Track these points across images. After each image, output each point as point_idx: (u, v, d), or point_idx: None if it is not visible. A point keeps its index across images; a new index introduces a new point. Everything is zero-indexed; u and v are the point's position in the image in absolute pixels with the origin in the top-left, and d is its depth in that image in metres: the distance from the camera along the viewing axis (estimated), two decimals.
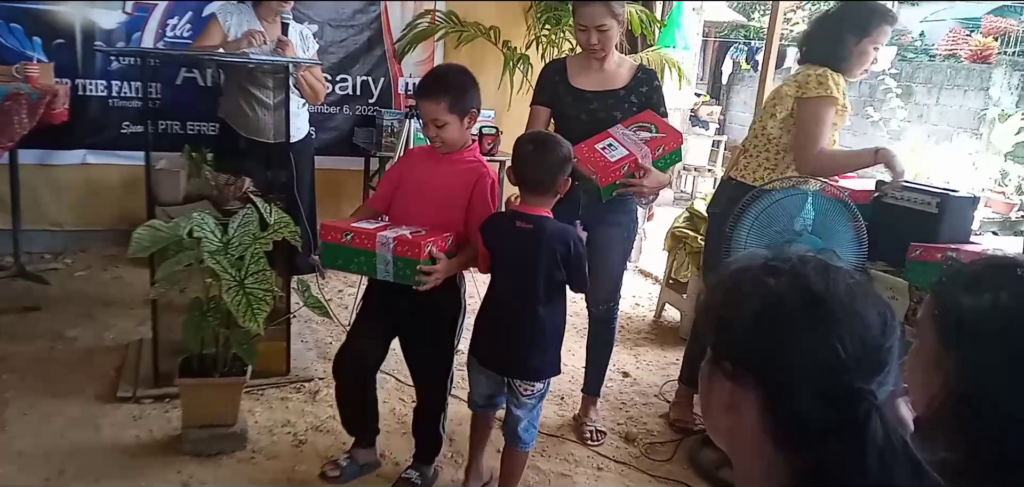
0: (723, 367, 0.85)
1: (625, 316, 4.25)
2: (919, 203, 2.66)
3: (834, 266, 0.84)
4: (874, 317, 0.80)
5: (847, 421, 0.76)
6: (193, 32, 4.47)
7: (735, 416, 0.84)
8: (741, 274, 0.87)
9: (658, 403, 3.27)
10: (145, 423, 2.72)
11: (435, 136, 2.27)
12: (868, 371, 0.79)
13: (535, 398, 2.31)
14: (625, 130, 2.60)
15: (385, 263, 2.15)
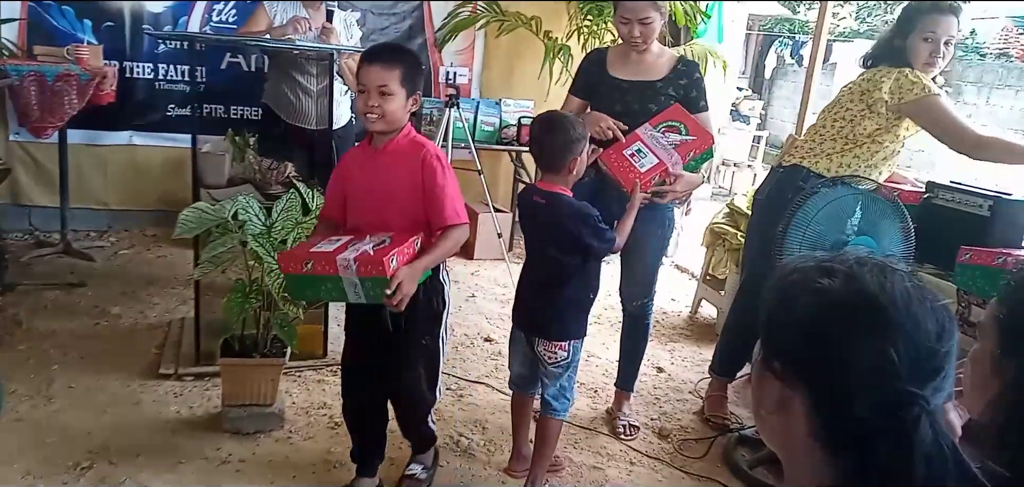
0: (772, 367, 0.84)
1: (660, 311, 4.22)
2: (970, 205, 2.60)
3: (892, 268, 0.82)
4: (931, 322, 0.79)
5: (895, 425, 0.75)
6: (238, 17, 4.54)
7: (784, 416, 0.83)
8: (795, 273, 0.85)
9: (692, 400, 3.23)
10: (186, 400, 2.77)
11: (377, 106, 2.01)
12: (922, 376, 0.77)
13: (560, 367, 2.36)
14: (653, 131, 2.55)
15: (353, 286, 1.93)
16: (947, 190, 2.74)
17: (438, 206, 2.06)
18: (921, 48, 2.61)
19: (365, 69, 2.04)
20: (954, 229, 2.59)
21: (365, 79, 2.03)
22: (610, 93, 2.67)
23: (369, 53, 2.10)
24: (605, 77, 2.70)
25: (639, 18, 2.57)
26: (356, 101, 2.13)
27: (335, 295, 1.98)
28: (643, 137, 2.54)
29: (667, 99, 2.66)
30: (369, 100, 2.02)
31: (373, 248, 1.93)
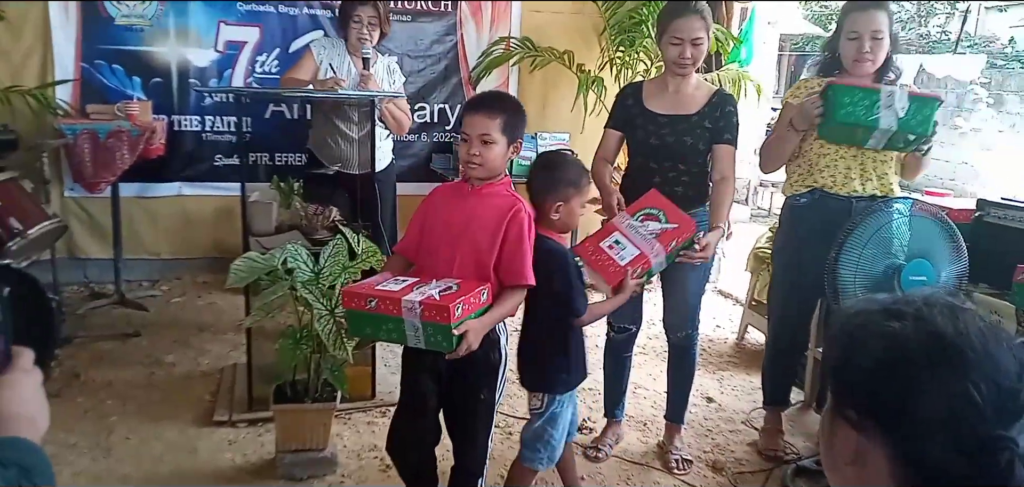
0: (847, 416, 0.82)
1: (706, 339, 4.18)
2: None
3: (962, 307, 0.80)
4: (1010, 360, 0.77)
5: (986, 472, 0.73)
6: (281, 67, 4.66)
7: (861, 468, 0.81)
8: (860, 317, 0.84)
9: (745, 430, 3.19)
10: (240, 447, 2.82)
11: (477, 154, 2.04)
12: (1007, 418, 0.75)
13: (539, 413, 2.32)
14: (631, 220, 2.45)
15: (414, 330, 1.91)
16: (999, 207, 2.69)
17: (516, 262, 2.05)
18: (848, 48, 2.65)
19: (468, 117, 2.08)
20: (1008, 246, 2.55)
21: (468, 127, 2.07)
22: (645, 126, 2.68)
23: (473, 102, 2.16)
24: (641, 110, 2.71)
25: (692, 38, 2.58)
26: (458, 148, 2.16)
27: (395, 336, 1.97)
28: (621, 227, 2.44)
29: (702, 132, 2.66)
30: (471, 148, 2.05)
31: (439, 294, 1.91)
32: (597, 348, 3.92)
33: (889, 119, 2.51)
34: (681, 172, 2.68)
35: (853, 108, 2.53)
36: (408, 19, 5.00)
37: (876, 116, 2.51)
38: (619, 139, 2.80)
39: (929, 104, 2.52)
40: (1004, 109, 8.46)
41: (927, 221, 2.48)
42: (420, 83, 5.07)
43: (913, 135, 2.54)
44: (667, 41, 2.64)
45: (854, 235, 2.48)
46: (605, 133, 2.83)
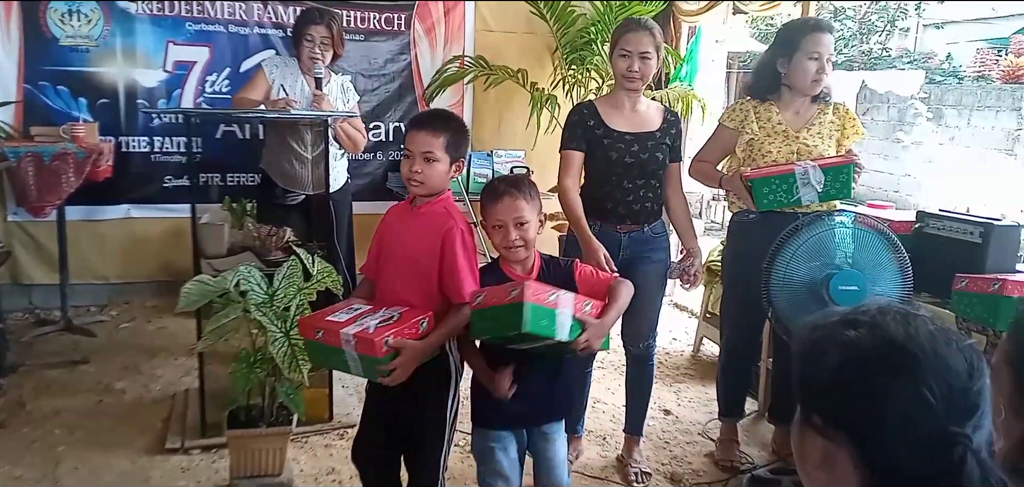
0: (813, 423, 0.85)
1: (663, 351, 4.23)
2: (961, 233, 2.65)
3: (914, 313, 0.84)
4: (959, 361, 0.81)
5: (943, 466, 0.76)
6: (232, 87, 4.60)
7: (830, 472, 0.84)
8: (819, 330, 0.88)
9: (702, 441, 3.24)
10: (193, 474, 2.76)
11: (420, 171, 2.03)
12: (959, 415, 0.79)
13: None
14: None
15: (354, 361, 1.92)
16: (937, 218, 2.79)
17: (453, 281, 2.04)
18: (809, 67, 2.74)
19: (412, 134, 2.07)
20: (947, 257, 2.64)
21: (411, 145, 2.06)
22: (614, 144, 2.70)
23: (416, 119, 2.13)
24: (606, 130, 2.72)
25: (640, 52, 2.64)
26: (401, 165, 2.14)
27: (342, 366, 1.97)
28: None
29: (664, 148, 2.75)
30: (413, 165, 2.04)
31: (376, 325, 1.92)
32: None
33: (809, 194, 2.64)
34: (649, 187, 2.74)
35: (773, 197, 2.67)
36: (362, 38, 4.99)
37: (796, 196, 2.65)
38: (582, 158, 2.77)
39: (844, 170, 2.65)
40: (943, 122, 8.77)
41: (870, 234, 2.56)
42: (374, 102, 5.06)
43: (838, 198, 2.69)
44: (617, 55, 2.70)
45: (786, 247, 2.56)
46: (569, 155, 2.75)
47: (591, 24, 4.97)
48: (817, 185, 2.63)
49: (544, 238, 5.16)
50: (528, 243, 2.07)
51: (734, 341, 3.08)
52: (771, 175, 2.68)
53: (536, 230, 2.09)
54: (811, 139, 2.80)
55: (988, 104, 8.39)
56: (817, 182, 2.63)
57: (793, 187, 2.64)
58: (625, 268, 2.80)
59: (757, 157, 2.82)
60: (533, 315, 1.84)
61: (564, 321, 1.91)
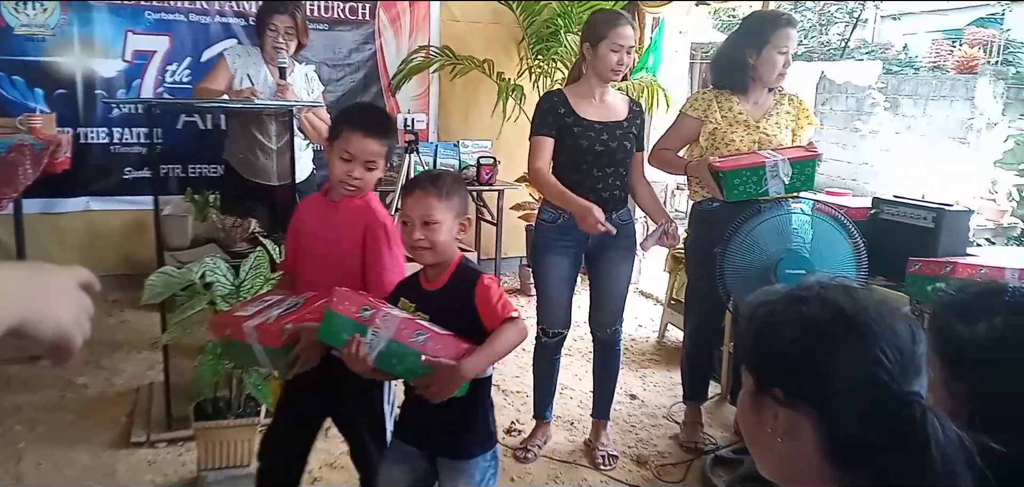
0: (775, 395, 0.88)
1: (629, 338, 4.29)
2: (915, 218, 2.73)
3: (853, 286, 0.89)
4: (904, 326, 0.86)
5: (904, 426, 0.80)
6: (193, 77, 4.54)
7: (791, 441, 0.87)
8: (768, 307, 0.91)
9: (667, 425, 3.30)
10: (160, 467, 2.74)
11: (359, 179, 1.97)
12: (910, 377, 0.84)
13: None
14: None
15: (260, 355, 1.82)
16: (892, 204, 2.88)
17: (375, 275, 1.97)
18: (776, 60, 2.82)
19: (356, 139, 1.97)
20: (902, 241, 2.72)
21: (349, 147, 1.96)
22: (585, 133, 2.74)
23: (357, 121, 2.03)
24: (576, 118, 2.75)
25: (629, 46, 2.70)
26: (336, 167, 2.00)
27: (254, 361, 1.84)
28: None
29: (632, 138, 2.81)
30: (350, 168, 1.96)
31: (278, 314, 1.83)
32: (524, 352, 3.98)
33: (777, 186, 2.71)
34: (617, 175, 2.79)
35: (743, 187, 2.73)
36: (325, 28, 4.96)
37: (765, 188, 2.71)
38: (552, 144, 2.79)
39: (810, 163, 2.73)
40: (900, 112, 8.97)
41: (826, 220, 2.64)
42: (339, 92, 5.03)
43: (803, 190, 2.78)
44: (607, 47, 2.69)
45: (741, 231, 2.64)
46: (540, 141, 2.78)
47: (557, 15, 5.00)
48: (785, 177, 2.70)
49: (510, 226, 5.20)
50: (434, 246, 1.81)
51: (698, 327, 3.14)
52: (742, 167, 2.73)
53: (452, 234, 1.83)
54: (771, 128, 2.87)
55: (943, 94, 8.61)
56: (785, 175, 2.70)
57: (763, 179, 2.70)
58: (593, 254, 2.85)
59: (721, 146, 2.88)
60: (333, 326, 1.70)
61: (376, 342, 1.68)
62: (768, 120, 2.88)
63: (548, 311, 2.90)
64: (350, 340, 1.68)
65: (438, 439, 1.86)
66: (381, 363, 1.69)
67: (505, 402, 3.47)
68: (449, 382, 1.70)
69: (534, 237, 2.95)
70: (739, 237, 2.64)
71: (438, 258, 1.83)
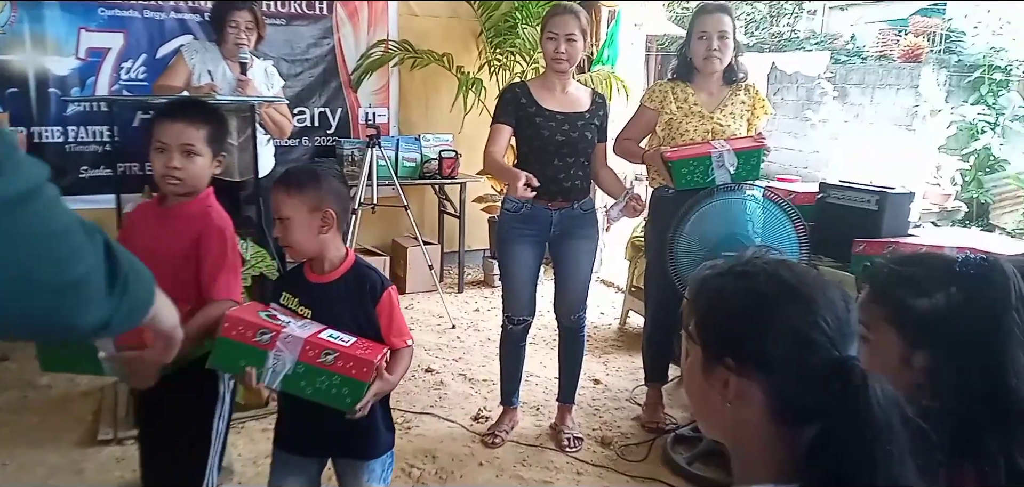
0: (726, 364, 0.94)
1: (591, 325, 4.38)
2: (860, 201, 2.86)
3: (787, 260, 0.97)
4: (837, 295, 0.93)
5: (847, 386, 0.87)
6: (148, 74, 4.49)
7: (739, 405, 0.93)
8: (714, 280, 0.98)
9: (630, 407, 3.40)
10: (129, 463, 2.73)
11: (179, 169, 1.81)
12: (845, 342, 0.91)
13: None
14: None
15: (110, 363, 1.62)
16: (838, 189, 3.00)
17: (209, 276, 1.83)
18: (698, 47, 2.95)
19: (164, 125, 1.85)
20: (847, 224, 2.84)
21: (164, 137, 1.82)
22: (546, 123, 2.81)
23: (169, 109, 1.93)
24: (538, 108, 2.83)
25: (565, 33, 2.76)
26: (154, 165, 1.87)
27: (93, 369, 1.64)
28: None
29: (594, 129, 2.90)
30: (167, 162, 1.81)
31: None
32: (489, 341, 4.06)
33: (723, 176, 2.82)
34: (579, 165, 2.86)
35: (690, 176, 2.84)
36: (282, 23, 4.93)
37: (711, 177, 2.83)
38: (510, 134, 2.89)
39: (755, 154, 2.85)
40: (848, 101, 9.24)
41: (772, 206, 2.76)
42: (298, 87, 5.01)
43: (748, 179, 2.88)
44: (545, 36, 2.83)
45: (690, 214, 2.77)
46: (497, 128, 2.86)
47: (515, 9, 5.06)
48: (730, 167, 2.82)
49: (473, 219, 5.23)
50: (292, 245, 1.79)
51: (657, 310, 3.24)
52: (689, 157, 2.84)
53: (309, 230, 1.78)
54: (724, 119, 2.98)
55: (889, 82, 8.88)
56: (730, 164, 2.82)
57: (709, 168, 2.82)
58: (556, 243, 2.93)
59: (676, 135, 2.98)
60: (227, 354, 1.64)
61: (279, 367, 1.64)
62: (722, 111, 2.99)
63: (513, 299, 2.97)
64: (246, 374, 1.64)
65: (339, 443, 1.85)
66: (287, 386, 1.66)
67: (472, 390, 3.54)
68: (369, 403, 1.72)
69: (498, 227, 3.02)
70: (687, 221, 2.76)
71: (300, 256, 1.82)
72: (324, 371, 1.65)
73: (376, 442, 1.88)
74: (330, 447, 1.89)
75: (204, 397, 1.88)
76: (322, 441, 1.86)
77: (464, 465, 2.85)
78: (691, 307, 1.01)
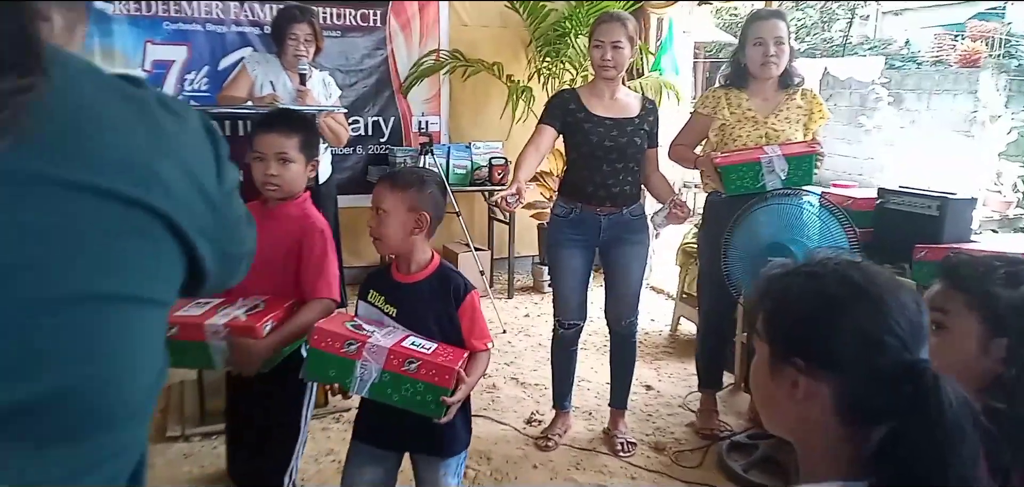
0: (794, 364, 0.95)
1: (642, 332, 4.37)
2: (921, 207, 2.81)
3: (856, 262, 0.97)
4: (909, 297, 0.93)
5: (917, 391, 0.87)
6: (211, 85, 4.65)
7: (807, 406, 0.94)
8: (782, 280, 0.99)
9: (683, 413, 3.39)
10: (196, 459, 2.84)
11: (276, 175, 1.97)
12: (917, 345, 0.91)
13: None
14: None
15: (220, 353, 1.82)
16: (898, 194, 2.96)
17: (311, 276, 1.99)
18: (754, 54, 2.94)
19: (260, 136, 2.00)
20: (907, 230, 2.80)
21: (260, 147, 1.98)
22: (595, 128, 2.84)
23: (263, 121, 2.06)
24: (587, 114, 2.86)
25: (612, 41, 2.78)
26: (254, 172, 2.00)
27: (203, 362, 1.87)
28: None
29: (643, 134, 2.90)
30: (266, 168, 1.97)
31: (246, 313, 1.84)
32: (540, 346, 4.09)
33: (773, 181, 2.81)
34: (628, 171, 2.87)
35: (740, 182, 2.84)
36: (338, 35, 5.06)
37: (762, 182, 2.82)
38: (553, 136, 2.92)
39: (807, 159, 2.83)
40: (903, 107, 9.04)
41: (825, 210, 2.74)
42: (352, 97, 5.13)
43: (800, 185, 2.87)
44: (592, 43, 2.86)
45: (739, 222, 2.77)
46: (540, 129, 2.89)
47: (564, 18, 5.10)
48: (781, 173, 2.81)
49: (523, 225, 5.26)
50: (384, 238, 1.86)
51: (711, 316, 3.24)
52: (739, 163, 2.85)
53: (403, 228, 1.85)
54: (779, 124, 2.96)
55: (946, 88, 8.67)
56: (781, 170, 2.81)
57: (759, 174, 2.81)
58: (606, 249, 2.95)
59: (728, 141, 2.98)
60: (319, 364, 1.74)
61: (367, 376, 1.72)
62: (777, 116, 2.98)
63: (564, 304, 3.00)
64: None
65: (418, 439, 1.91)
66: (375, 394, 1.74)
67: (524, 394, 3.57)
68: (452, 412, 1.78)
69: (548, 232, 3.05)
70: (740, 226, 2.76)
71: (389, 249, 1.90)
72: (408, 379, 1.72)
73: (454, 440, 1.94)
74: (409, 443, 1.96)
75: (294, 390, 2.02)
76: (402, 436, 1.92)
77: (518, 467, 2.88)
78: (758, 305, 1.02)
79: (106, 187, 0.58)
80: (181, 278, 0.69)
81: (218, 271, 0.77)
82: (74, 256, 0.57)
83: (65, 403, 0.56)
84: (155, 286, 0.64)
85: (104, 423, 0.60)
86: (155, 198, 0.62)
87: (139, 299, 0.62)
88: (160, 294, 0.65)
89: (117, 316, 0.60)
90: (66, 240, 0.56)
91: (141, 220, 0.61)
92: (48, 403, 0.55)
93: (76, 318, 0.57)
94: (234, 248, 0.83)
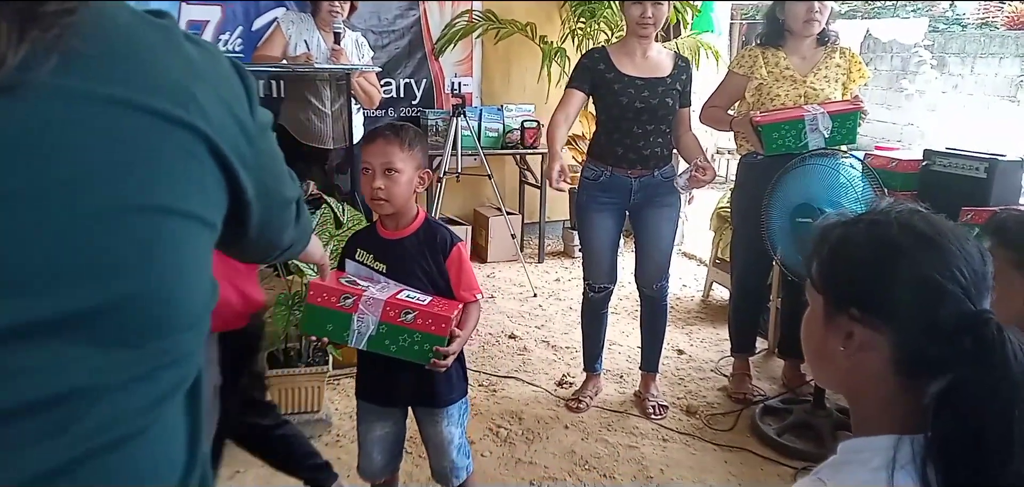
0: (850, 314, 0.92)
1: (674, 297, 4.35)
2: (967, 169, 2.74)
3: (920, 210, 0.93)
4: (973, 248, 0.90)
5: (980, 342, 0.84)
6: (245, 45, 4.66)
7: (862, 357, 0.92)
8: (840, 229, 0.96)
9: (715, 378, 3.37)
10: None
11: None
12: (980, 295, 0.88)
13: None
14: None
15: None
16: (944, 156, 2.89)
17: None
18: (798, 10, 2.86)
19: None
20: (953, 192, 2.74)
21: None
22: (625, 89, 2.78)
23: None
24: (617, 74, 2.80)
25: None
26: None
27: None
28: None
29: (675, 93, 2.82)
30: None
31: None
32: (571, 310, 4.08)
33: (817, 140, 2.74)
34: (659, 132, 2.82)
35: (782, 141, 2.77)
36: None
37: (804, 141, 2.74)
38: (583, 100, 2.88)
39: (851, 117, 2.75)
40: (947, 70, 8.80)
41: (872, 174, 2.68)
42: (384, 58, 5.10)
43: (843, 144, 2.79)
44: (630, 3, 2.76)
45: (780, 183, 2.73)
46: (569, 93, 2.85)
47: None
48: (825, 131, 2.73)
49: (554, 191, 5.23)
50: (392, 198, 1.83)
51: (744, 279, 3.20)
52: (781, 121, 2.77)
53: (411, 187, 1.86)
54: (818, 83, 2.89)
55: (992, 51, 8.41)
56: (825, 128, 2.73)
57: (802, 132, 2.74)
58: (636, 212, 2.91)
59: (766, 101, 2.92)
60: (314, 318, 1.77)
61: (363, 328, 1.75)
62: (816, 74, 2.91)
63: (594, 266, 2.98)
64: None
65: (415, 394, 1.96)
66: (372, 346, 1.77)
67: (555, 356, 3.57)
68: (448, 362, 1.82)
69: (578, 195, 3.01)
70: (781, 186, 2.70)
71: (395, 209, 1.87)
72: (405, 329, 1.75)
73: (452, 389, 1.98)
74: (407, 398, 2.01)
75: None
76: (401, 392, 1.98)
77: (550, 427, 2.89)
78: (813, 255, 0.99)
79: (151, 105, 0.59)
80: (225, 205, 0.69)
81: (262, 210, 0.76)
82: (128, 169, 0.58)
83: (128, 308, 0.58)
84: (205, 205, 0.65)
85: (165, 328, 0.62)
86: (195, 118, 0.62)
87: (190, 215, 0.63)
88: (209, 215, 0.66)
89: (172, 227, 0.61)
90: (119, 154, 0.58)
91: (185, 139, 0.62)
92: (113, 308, 0.57)
93: (136, 227, 0.58)
94: (274, 183, 0.81)
